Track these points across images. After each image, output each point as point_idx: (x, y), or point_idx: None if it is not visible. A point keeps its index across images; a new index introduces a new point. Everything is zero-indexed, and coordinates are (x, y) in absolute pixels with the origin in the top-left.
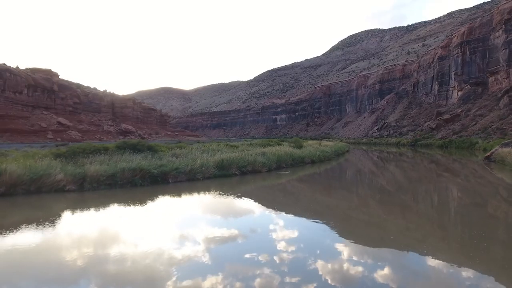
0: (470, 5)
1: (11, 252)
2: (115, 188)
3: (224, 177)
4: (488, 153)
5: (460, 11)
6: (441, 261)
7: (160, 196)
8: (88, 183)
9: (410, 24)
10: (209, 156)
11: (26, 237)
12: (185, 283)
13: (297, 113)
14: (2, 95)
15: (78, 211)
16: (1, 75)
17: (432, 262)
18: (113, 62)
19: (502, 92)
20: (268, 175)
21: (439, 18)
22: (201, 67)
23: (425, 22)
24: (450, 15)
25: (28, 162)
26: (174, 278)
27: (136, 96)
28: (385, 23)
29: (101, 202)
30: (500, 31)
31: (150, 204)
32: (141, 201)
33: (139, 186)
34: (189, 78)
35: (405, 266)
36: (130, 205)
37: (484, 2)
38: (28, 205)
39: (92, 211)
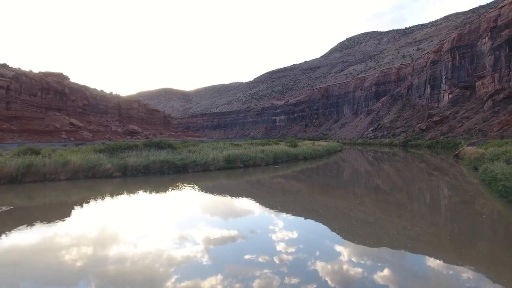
0: (466, 9)
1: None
2: (149, 175)
3: (231, 169)
4: (457, 151)
5: (456, 15)
6: (435, 259)
7: (180, 183)
8: (129, 171)
9: (408, 26)
10: (218, 152)
11: (81, 210)
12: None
13: (296, 114)
14: (19, 97)
15: (120, 193)
16: (18, 79)
17: (427, 260)
18: (114, 63)
19: (487, 95)
20: (266, 168)
21: (436, 21)
22: (201, 68)
23: (422, 25)
24: (446, 18)
25: (82, 155)
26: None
27: (137, 97)
28: (385, 25)
29: (139, 186)
30: (487, 38)
31: (169, 193)
32: (167, 187)
33: (166, 174)
34: (189, 79)
35: (402, 266)
36: (157, 192)
37: (479, 6)
38: (86, 187)
39: (131, 194)
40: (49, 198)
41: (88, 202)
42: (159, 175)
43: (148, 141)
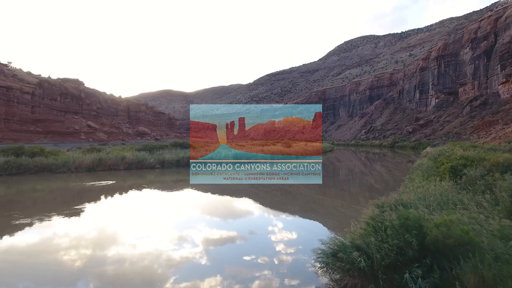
0: (461, 13)
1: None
2: (179, 167)
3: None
4: (422, 152)
5: (451, 20)
6: None
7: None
8: (166, 164)
9: (404, 31)
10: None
11: (132, 193)
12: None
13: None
14: (42, 102)
15: (157, 180)
16: (41, 85)
17: None
18: (116, 64)
19: (467, 101)
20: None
21: (431, 25)
22: (201, 70)
23: (418, 29)
24: (441, 23)
25: (131, 152)
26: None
27: (139, 98)
28: (385, 26)
29: (172, 175)
30: (468, 48)
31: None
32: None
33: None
34: (190, 80)
35: None
36: (181, 180)
37: (473, 11)
38: (136, 175)
39: (161, 183)
40: (119, 180)
41: (140, 187)
42: (187, 168)
43: (174, 142)
